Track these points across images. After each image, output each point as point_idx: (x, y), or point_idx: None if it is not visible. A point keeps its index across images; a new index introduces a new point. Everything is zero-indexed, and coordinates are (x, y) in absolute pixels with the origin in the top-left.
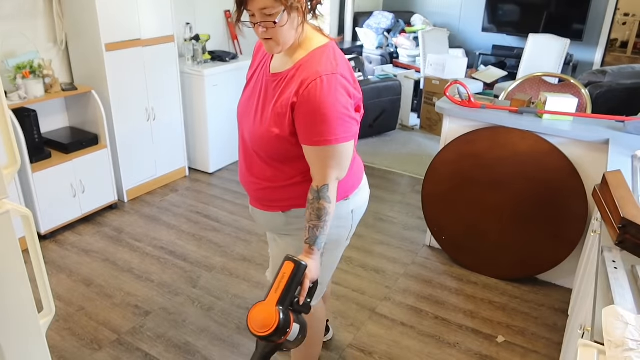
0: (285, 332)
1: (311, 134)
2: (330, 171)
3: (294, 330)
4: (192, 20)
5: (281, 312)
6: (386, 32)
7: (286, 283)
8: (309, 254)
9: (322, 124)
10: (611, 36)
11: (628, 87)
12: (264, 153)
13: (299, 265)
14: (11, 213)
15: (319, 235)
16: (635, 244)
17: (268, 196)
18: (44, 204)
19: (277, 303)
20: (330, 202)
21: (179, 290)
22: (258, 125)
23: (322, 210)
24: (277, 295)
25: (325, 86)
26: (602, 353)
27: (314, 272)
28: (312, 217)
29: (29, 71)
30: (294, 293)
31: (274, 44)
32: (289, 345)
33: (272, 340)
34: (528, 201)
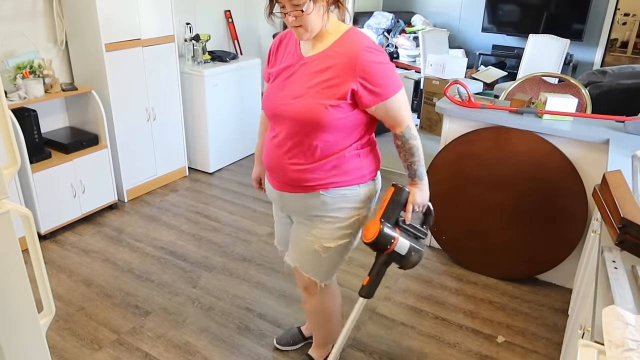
0: (391, 242)
1: (387, 89)
2: (406, 114)
3: (401, 244)
4: (192, 20)
5: (383, 225)
6: (386, 32)
7: (387, 203)
8: (413, 185)
9: (389, 79)
10: (611, 36)
11: (628, 87)
12: (312, 127)
13: (400, 189)
14: (11, 213)
15: (417, 167)
16: (635, 244)
17: (308, 177)
18: (44, 204)
19: (380, 218)
20: (416, 139)
21: (179, 290)
22: (310, 103)
23: (413, 148)
24: (381, 212)
25: (375, 51)
26: (602, 353)
27: (418, 199)
28: (407, 157)
29: (29, 71)
30: (397, 213)
31: (302, 30)
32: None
33: (379, 248)
34: (528, 201)
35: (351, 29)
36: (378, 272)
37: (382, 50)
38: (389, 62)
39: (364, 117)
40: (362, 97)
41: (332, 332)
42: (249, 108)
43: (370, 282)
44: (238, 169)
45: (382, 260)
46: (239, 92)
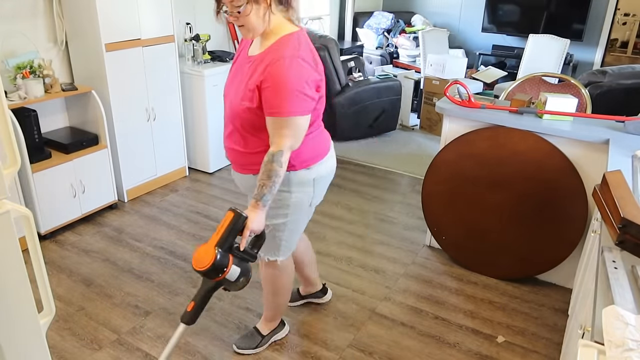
0: (223, 271)
1: (271, 106)
2: (284, 140)
3: (232, 271)
4: (192, 20)
5: (218, 253)
6: (386, 32)
7: (225, 229)
8: (254, 208)
9: (280, 98)
10: (611, 36)
11: (628, 87)
12: (239, 124)
13: (239, 215)
14: (11, 213)
15: (266, 193)
16: (635, 244)
17: (242, 160)
18: (44, 204)
19: (215, 245)
20: (281, 167)
21: (179, 290)
22: (235, 100)
23: (273, 172)
24: (217, 239)
25: (285, 66)
26: (602, 353)
27: (255, 224)
28: (263, 177)
29: (29, 71)
30: (233, 239)
31: (245, 30)
32: (231, 286)
33: (210, 276)
34: (528, 201)
35: (287, 35)
36: (203, 298)
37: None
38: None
39: None
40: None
41: (278, 307)
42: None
43: (195, 308)
44: None
45: (210, 286)
46: None
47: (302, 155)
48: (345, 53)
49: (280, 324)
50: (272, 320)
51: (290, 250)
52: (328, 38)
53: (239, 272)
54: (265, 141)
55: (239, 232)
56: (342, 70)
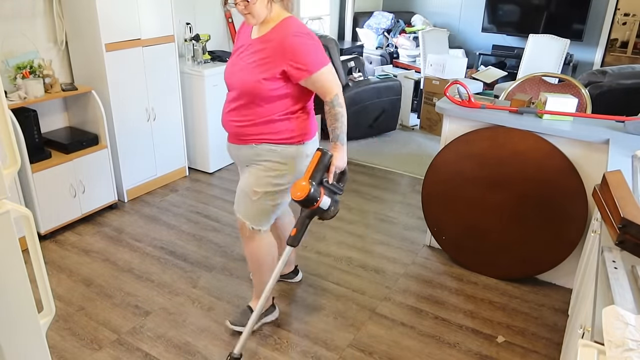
0: (316, 200)
1: (307, 69)
2: (333, 85)
3: (324, 201)
4: (192, 20)
5: (311, 185)
6: (386, 32)
7: (315, 165)
8: (335, 148)
9: (310, 58)
10: (611, 36)
11: (628, 87)
12: (250, 97)
13: (325, 154)
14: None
15: (340, 133)
16: (635, 244)
17: (247, 131)
18: (44, 204)
19: (309, 179)
20: (342, 107)
21: (179, 290)
22: (249, 76)
23: (338, 115)
24: (309, 174)
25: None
26: (602, 353)
27: (339, 161)
28: (332, 122)
29: (29, 71)
30: (322, 174)
31: (250, 17)
32: (324, 214)
33: (307, 205)
34: (528, 201)
35: (287, 18)
36: (302, 224)
37: (309, 33)
38: (314, 43)
39: (295, 88)
40: (292, 74)
41: (264, 283)
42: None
43: (297, 232)
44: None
45: (307, 214)
46: None
47: (300, 130)
48: (345, 53)
49: (271, 307)
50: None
51: (270, 222)
52: (328, 38)
53: (330, 202)
54: (271, 110)
55: (326, 168)
56: (342, 70)
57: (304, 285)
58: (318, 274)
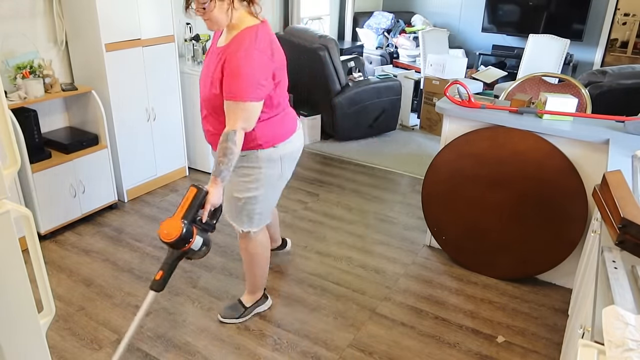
0: (188, 241)
1: (227, 91)
2: (238, 121)
3: (196, 242)
4: (192, 20)
5: (184, 225)
6: (386, 32)
7: (189, 203)
8: (213, 183)
9: (235, 85)
10: (611, 36)
11: (628, 87)
12: (211, 108)
13: (200, 190)
14: (11, 213)
15: (223, 169)
16: (635, 244)
17: (215, 140)
18: (44, 204)
19: (182, 218)
20: (235, 145)
21: (179, 290)
22: (206, 87)
23: (228, 150)
24: (182, 212)
25: (242, 57)
26: (602, 353)
27: (214, 198)
28: (220, 155)
29: (29, 71)
30: (196, 212)
31: (210, 22)
32: (195, 255)
33: (178, 246)
34: (528, 201)
35: (247, 29)
36: (171, 267)
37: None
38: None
39: None
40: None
41: (257, 278)
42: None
43: (163, 276)
44: None
45: (177, 255)
46: None
47: (269, 135)
48: (345, 53)
49: (263, 297)
50: (253, 293)
51: (263, 222)
52: (328, 38)
53: (202, 241)
54: None
55: (201, 206)
56: (342, 70)
57: (304, 285)
58: (318, 274)
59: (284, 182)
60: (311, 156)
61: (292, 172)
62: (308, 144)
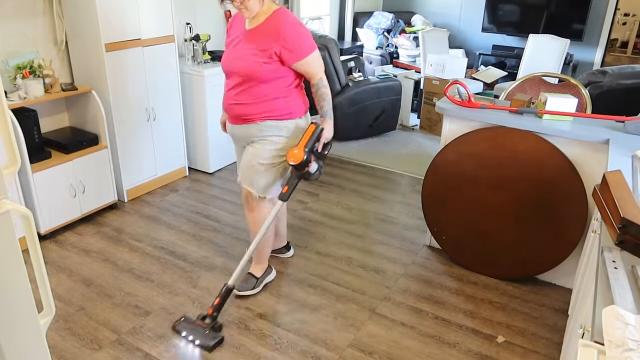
0: (307, 165)
1: (296, 53)
2: (318, 69)
3: (313, 166)
4: (192, 20)
5: (306, 152)
6: (386, 32)
7: (309, 136)
8: (325, 122)
9: (300, 44)
10: (611, 36)
11: (628, 87)
12: (253, 79)
13: (318, 127)
14: (11, 213)
15: (327, 109)
16: (635, 244)
17: (251, 110)
18: (44, 204)
19: (304, 147)
20: (327, 88)
21: (179, 290)
22: (249, 62)
23: (324, 94)
24: (304, 143)
25: (291, 24)
26: (602, 353)
27: (327, 133)
28: (319, 100)
29: (29, 71)
30: (314, 143)
31: (245, 10)
32: (311, 176)
33: (299, 168)
34: (528, 201)
35: (279, 9)
36: (292, 184)
37: (300, 23)
38: (304, 31)
39: (289, 71)
40: (284, 57)
41: (265, 248)
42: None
43: (289, 190)
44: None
45: (297, 175)
46: None
47: (297, 106)
48: (345, 53)
49: (269, 268)
50: (261, 263)
51: (277, 192)
52: (328, 38)
53: (317, 166)
54: (270, 90)
55: (318, 139)
56: (342, 70)
57: (304, 285)
58: (318, 274)
59: None
60: None
61: None
62: None
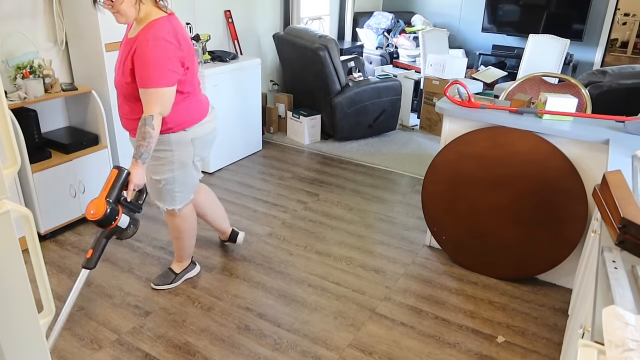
0: (115, 219)
1: (140, 79)
2: (153, 106)
3: (122, 220)
4: (192, 20)
5: (109, 204)
6: (386, 32)
7: (111, 183)
8: (134, 165)
9: (146, 73)
10: (611, 36)
11: (628, 87)
12: (124, 96)
13: (121, 171)
14: (11, 213)
15: (143, 152)
16: (635, 244)
17: (131, 125)
18: (44, 204)
19: (105, 197)
20: (153, 129)
21: (179, 290)
22: (118, 76)
23: (146, 134)
24: (106, 192)
25: (150, 47)
26: (602, 353)
27: (137, 178)
28: (139, 138)
29: (29, 71)
30: (120, 192)
31: (119, 15)
32: (123, 234)
33: (104, 224)
34: (528, 201)
35: (155, 20)
36: (99, 245)
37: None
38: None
39: None
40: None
41: (185, 249)
42: (249, 108)
43: (94, 254)
44: (238, 169)
45: (105, 234)
46: (239, 92)
47: (179, 119)
48: (345, 53)
49: (192, 264)
50: (181, 261)
51: (185, 201)
52: (328, 38)
53: (129, 220)
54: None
55: (125, 186)
56: (342, 70)
57: (304, 285)
58: (318, 274)
59: (200, 161)
60: (311, 156)
61: (208, 152)
62: (308, 144)
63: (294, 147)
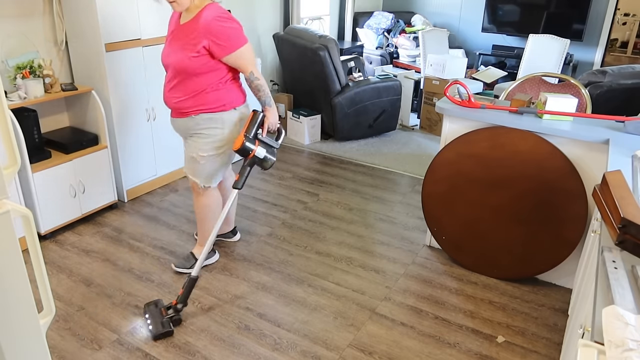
0: (251, 150)
1: (225, 49)
2: (247, 64)
3: (259, 151)
4: None
5: (245, 138)
6: (386, 32)
7: (249, 122)
8: (266, 111)
9: (232, 38)
10: (611, 36)
11: (628, 87)
12: (184, 75)
13: (257, 113)
14: (11, 213)
15: (265, 98)
16: (635, 244)
17: (185, 104)
18: (44, 204)
19: (244, 133)
20: (259, 80)
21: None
22: (180, 56)
23: (259, 86)
24: (244, 130)
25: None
26: (602, 353)
27: (271, 119)
28: (255, 92)
29: (29, 71)
30: (255, 129)
31: (176, 5)
32: (262, 163)
33: (243, 154)
34: (528, 201)
35: (209, 4)
36: (244, 171)
37: (229, 17)
38: (233, 26)
39: (220, 64)
40: (213, 50)
41: (208, 231)
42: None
43: (240, 178)
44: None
45: (247, 162)
46: None
47: (229, 97)
48: (345, 53)
49: (212, 251)
50: (204, 245)
51: (219, 179)
52: (328, 38)
53: (264, 152)
54: (202, 83)
55: (261, 125)
56: (342, 70)
57: (304, 285)
58: (318, 274)
59: None
60: (311, 156)
61: None
62: (308, 144)
63: (294, 147)
